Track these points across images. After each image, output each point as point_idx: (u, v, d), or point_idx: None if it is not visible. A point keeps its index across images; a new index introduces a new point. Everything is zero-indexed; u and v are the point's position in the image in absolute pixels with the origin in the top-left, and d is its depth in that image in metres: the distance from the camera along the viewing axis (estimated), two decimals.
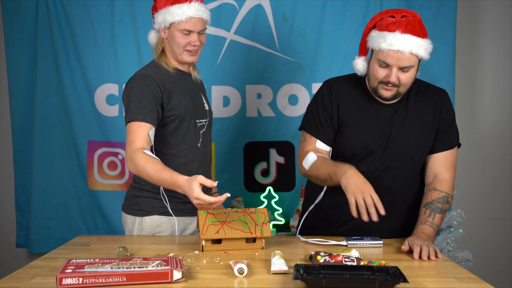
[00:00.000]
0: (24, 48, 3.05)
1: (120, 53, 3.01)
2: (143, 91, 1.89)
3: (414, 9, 3.03)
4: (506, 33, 3.23)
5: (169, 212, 2.00)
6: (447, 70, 3.07)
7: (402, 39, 1.75)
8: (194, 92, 2.06)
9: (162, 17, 1.95)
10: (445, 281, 1.43)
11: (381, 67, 1.82)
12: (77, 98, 3.02)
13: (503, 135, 3.29)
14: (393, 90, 1.84)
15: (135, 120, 1.85)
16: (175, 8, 1.92)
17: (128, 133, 1.86)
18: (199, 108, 2.05)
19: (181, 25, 1.92)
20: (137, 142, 1.82)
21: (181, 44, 1.95)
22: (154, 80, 1.91)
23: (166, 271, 1.38)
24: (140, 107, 1.86)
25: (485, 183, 3.31)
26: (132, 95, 1.89)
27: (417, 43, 1.76)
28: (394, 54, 1.76)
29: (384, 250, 1.78)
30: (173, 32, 1.95)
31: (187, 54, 1.98)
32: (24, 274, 1.47)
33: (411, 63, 1.79)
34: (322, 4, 3.01)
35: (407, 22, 1.76)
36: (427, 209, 1.87)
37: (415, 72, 1.85)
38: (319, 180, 1.91)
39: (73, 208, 3.08)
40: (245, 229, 1.73)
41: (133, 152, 1.80)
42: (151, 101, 1.88)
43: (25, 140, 3.10)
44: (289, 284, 1.38)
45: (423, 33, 1.78)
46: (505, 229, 3.32)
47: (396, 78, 1.80)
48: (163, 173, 1.73)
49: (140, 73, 1.96)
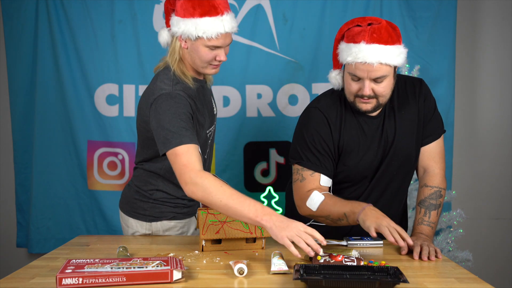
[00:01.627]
0: (24, 48, 3.05)
1: (120, 53, 3.00)
2: (179, 113, 1.70)
3: (414, 9, 3.05)
4: (506, 33, 3.23)
5: (177, 216, 1.99)
6: (447, 70, 3.07)
7: (368, 50, 1.66)
8: (209, 99, 1.95)
9: (186, 27, 1.73)
10: (445, 281, 1.43)
11: (353, 80, 1.73)
12: (77, 98, 3.01)
13: (503, 135, 3.29)
14: (372, 103, 1.76)
15: (183, 143, 1.65)
16: (205, 22, 1.70)
17: (176, 157, 1.65)
18: (209, 116, 1.94)
19: (211, 41, 1.73)
20: (194, 164, 1.63)
21: (206, 60, 1.78)
22: (186, 99, 1.75)
23: (166, 271, 1.38)
24: (181, 129, 1.67)
25: (485, 183, 3.30)
26: (169, 119, 1.69)
27: (385, 51, 1.66)
28: (363, 66, 1.67)
29: (384, 250, 1.78)
30: (198, 46, 1.75)
31: (211, 68, 1.81)
32: (24, 274, 1.47)
33: (383, 73, 1.69)
34: (322, 4, 3.01)
35: (373, 31, 1.67)
36: (422, 207, 1.84)
37: (392, 80, 1.75)
38: (330, 220, 1.80)
39: (73, 208, 3.08)
40: (245, 229, 1.73)
41: (196, 174, 1.61)
42: (188, 121, 1.71)
43: (25, 140, 3.10)
44: (289, 284, 1.38)
45: (392, 40, 1.69)
46: (505, 229, 3.32)
47: (369, 90, 1.71)
48: (243, 199, 1.57)
49: (166, 93, 1.74)
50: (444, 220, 2.90)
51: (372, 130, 1.85)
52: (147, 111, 1.78)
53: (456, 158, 3.18)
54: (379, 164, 1.86)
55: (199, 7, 1.71)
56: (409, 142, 1.88)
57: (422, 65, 3.00)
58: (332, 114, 1.84)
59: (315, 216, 1.83)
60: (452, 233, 2.95)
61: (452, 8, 3.04)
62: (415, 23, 3.06)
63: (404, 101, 1.88)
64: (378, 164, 1.86)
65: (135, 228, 2.00)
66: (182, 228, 2.03)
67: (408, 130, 1.87)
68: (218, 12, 1.71)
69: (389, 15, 3.05)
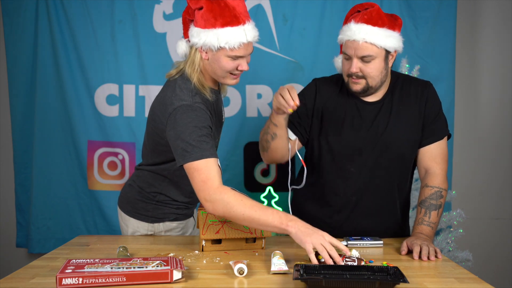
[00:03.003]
0: (24, 48, 3.05)
1: (120, 53, 3.00)
2: (199, 126, 1.68)
3: (414, 9, 3.05)
4: (506, 33, 3.23)
5: (179, 217, 2.00)
6: (447, 70, 3.07)
7: (356, 28, 1.78)
8: (220, 110, 1.94)
9: (207, 38, 1.70)
10: (445, 281, 1.44)
11: (345, 59, 1.85)
12: (77, 98, 3.01)
13: (503, 135, 3.29)
14: (361, 83, 1.84)
15: (203, 157, 1.64)
16: (227, 33, 1.68)
17: (196, 172, 1.64)
18: (219, 126, 1.94)
19: (233, 51, 1.71)
20: (214, 180, 1.63)
21: (227, 69, 1.75)
22: (205, 112, 1.73)
23: (166, 271, 1.38)
24: (202, 143, 1.66)
25: (485, 183, 3.30)
26: (189, 131, 1.66)
27: (372, 31, 1.76)
28: (351, 44, 1.79)
29: (384, 250, 1.78)
30: (220, 57, 1.73)
31: (231, 78, 1.79)
32: (24, 274, 1.47)
33: (369, 52, 1.78)
34: (322, 4, 3.01)
35: (364, 13, 1.79)
36: (422, 207, 1.86)
37: (382, 64, 1.82)
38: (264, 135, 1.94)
39: (73, 208, 3.08)
40: (245, 229, 1.73)
41: (215, 191, 1.61)
42: (208, 135, 1.70)
43: (25, 140, 3.10)
44: (289, 284, 1.38)
45: (381, 22, 1.78)
46: (505, 229, 3.32)
47: (356, 68, 1.80)
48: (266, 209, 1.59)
49: (187, 104, 1.71)
50: (444, 220, 2.90)
51: (364, 114, 1.91)
52: (163, 119, 1.74)
53: (456, 158, 3.18)
54: (363, 147, 1.90)
55: (220, 18, 1.69)
56: (402, 137, 1.90)
57: (422, 65, 3.00)
58: (325, 87, 1.96)
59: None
60: (452, 233, 2.95)
61: (452, 8, 3.04)
62: (415, 23, 3.06)
63: (406, 99, 1.92)
64: (361, 147, 1.90)
65: (135, 228, 2.00)
66: (183, 229, 2.04)
67: (404, 127, 1.90)
68: (240, 22, 1.70)
69: None
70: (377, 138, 1.90)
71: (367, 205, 1.93)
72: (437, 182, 1.89)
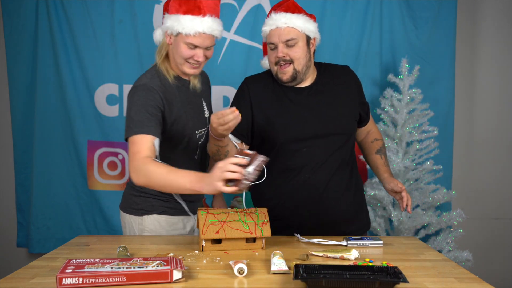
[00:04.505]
0: (24, 48, 3.05)
1: (120, 53, 3.01)
2: (147, 104, 1.79)
3: (414, 9, 3.06)
4: (506, 33, 3.24)
5: (168, 211, 2.01)
6: (447, 70, 3.08)
7: (276, 17, 1.94)
8: (194, 101, 2.01)
9: (171, 23, 1.83)
10: (445, 281, 1.44)
11: (271, 49, 1.97)
12: (77, 98, 3.02)
13: (503, 135, 3.29)
14: (289, 71, 1.96)
15: (140, 133, 1.75)
16: (186, 19, 1.80)
17: (131, 145, 1.76)
18: (199, 118, 2.01)
19: (189, 38, 1.81)
20: (143, 152, 1.73)
21: (184, 56, 1.85)
22: (158, 93, 1.83)
23: (166, 271, 1.38)
24: (144, 120, 1.77)
25: (485, 183, 3.31)
26: (135, 108, 1.80)
27: (291, 17, 1.93)
28: (274, 31, 1.94)
29: (384, 250, 1.78)
30: (179, 42, 1.83)
31: (188, 66, 1.88)
32: (24, 274, 1.47)
33: (292, 35, 1.93)
34: (322, 4, 3.01)
35: (280, 4, 1.97)
36: (381, 154, 2.18)
37: (305, 48, 1.97)
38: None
39: (73, 208, 3.08)
40: (245, 229, 1.73)
41: (140, 162, 1.70)
42: (155, 114, 1.80)
43: (25, 140, 3.10)
44: (289, 284, 1.38)
45: (298, 11, 1.96)
46: (505, 229, 3.32)
47: (282, 52, 1.93)
48: (179, 173, 1.66)
49: (142, 84, 1.84)
50: (444, 220, 2.90)
51: (299, 99, 2.01)
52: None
53: (456, 158, 3.18)
54: (307, 131, 1.98)
55: (184, 5, 1.82)
56: (340, 116, 2.02)
57: (422, 65, 3.00)
58: (256, 83, 2.06)
59: None
60: (452, 233, 2.95)
61: (452, 8, 3.04)
62: (415, 23, 3.06)
63: (334, 81, 2.07)
64: (306, 131, 1.98)
65: (129, 225, 2.03)
66: (175, 225, 2.03)
67: (339, 105, 2.03)
68: (201, 13, 1.81)
69: (389, 15, 3.05)
70: (322, 118, 1.99)
71: (323, 183, 1.99)
72: (380, 135, 2.24)
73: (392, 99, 2.94)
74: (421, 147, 2.94)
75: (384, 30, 3.06)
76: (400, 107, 2.93)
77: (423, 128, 2.94)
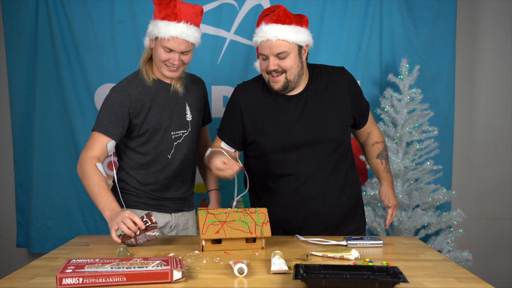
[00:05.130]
0: (24, 48, 3.05)
1: (120, 53, 3.01)
2: (114, 105, 1.97)
3: (414, 9, 3.05)
4: (506, 33, 3.24)
5: (139, 206, 2.08)
6: (447, 70, 3.07)
7: (267, 28, 1.90)
8: (174, 103, 2.08)
9: (151, 28, 1.99)
10: (445, 281, 1.44)
11: (263, 59, 1.95)
12: (77, 98, 3.02)
13: (503, 135, 3.29)
14: (281, 80, 1.94)
15: (98, 130, 1.96)
16: (162, 24, 1.94)
17: (90, 139, 1.98)
18: (177, 120, 2.08)
19: (164, 42, 1.94)
20: (93, 151, 1.94)
21: (161, 59, 1.98)
22: (129, 96, 1.99)
23: (166, 271, 1.38)
24: (106, 119, 1.95)
25: (485, 183, 3.31)
26: (104, 106, 1.99)
27: (282, 29, 1.89)
28: (265, 43, 1.91)
29: (384, 250, 1.78)
30: (157, 46, 1.98)
31: (166, 69, 2.00)
32: (24, 274, 1.47)
33: (283, 48, 1.89)
34: (322, 4, 3.01)
35: (272, 15, 1.91)
36: (382, 158, 2.16)
37: (297, 58, 1.94)
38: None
39: (73, 208, 3.08)
40: (245, 229, 1.73)
41: (86, 158, 1.92)
42: (118, 116, 1.97)
43: (25, 140, 3.10)
44: (289, 284, 1.38)
45: (289, 20, 1.91)
46: (505, 229, 3.32)
47: (274, 65, 1.91)
48: (103, 192, 1.86)
49: (118, 86, 2.03)
50: (444, 220, 2.90)
51: (290, 107, 2.00)
52: None
53: (456, 158, 3.18)
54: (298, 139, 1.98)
55: (164, 11, 1.96)
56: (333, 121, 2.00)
57: (422, 65, 3.00)
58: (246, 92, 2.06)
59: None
60: (452, 233, 2.95)
61: (452, 8, 3.04)
62: (415, 23, 3.06)
63: (328, 85, 2.04)
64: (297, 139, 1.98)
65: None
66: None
67: (332, 111, 2.01)
68: (176, 19, 1.94)
69: (389, 15, 3.05)
70: (310, 126, 1.98)
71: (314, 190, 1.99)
72: (382, 138, 2.21)
73: (392, 99, 2.94)
74: (421, 147, 2.94)
75: (384, 30, 3.06)
76: (400, 107, 2.93)
77: (423, 128, 2.94)
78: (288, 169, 1.99)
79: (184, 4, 1.96)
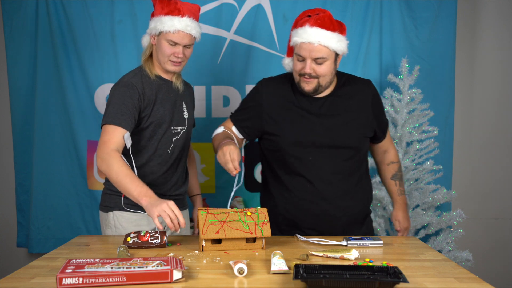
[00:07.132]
0: (24, 48, 3.05)
1: (120, 53, 3.01)
2: (124, 98, 1.98)
3: (414, 9, 3.05)
4: (506, 33, 3.23)
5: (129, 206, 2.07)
6: (447, 70, 3.07)
7: (311, 31, 1.90)
8: (174, 100, 2.12)
9: (154, 24, 2.03)
10: (445, 281, 1.44)
11: (298, 60, 1.96)
12: (77, 98, 3.02)
13: (503, 135, 3.29)
14: (313, 83, 1.96)
15: (112, 123, 1.94)
16: (167, 19, 2.00)
17: (103, 134, 1.94)
18: (177, 116, 2.12)
19: (169, 35, 2.00)
20: (112, 143, 1.90)
21: (166, 53, 2.02)
22: (137, 90, 2.00)
23: (166, 271, 1.38)
24: (118, 112, 1.95)
25: (485, 183, 3.31)
26: (114, 101, 1.98)
27: (326, 35, 1.90)
28: (306, 46, 1.91)
29: (384, 250, 1.78)
30: (161, 41, 2.02)
31: (170, 64, 2.05)
32: (24, 274, 1.47)
33: (323, 54, 1.91)
34: (322, 4, 3.01)
35: (317, 18, 1.91)
36: (396, 179, 2.19)
37: (332, 65, 1.96)
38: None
39: (73, 208, 3.08)
40: (245, 229, 1.73)
41: (108, 152, 1.88)
42: (130, 108, 1.97)
43: (25, 140, 3.10)
44: (289, 284, 1.38)
45: (333, 27, 1.92)
46: (505, 229, 3.32)
47: (310, 69, 1.92)
48: (136, 181, 1.82)
49: (124, 80, 2.04)
50: (444, 220, 2.90)
51: (314, 108, 2.02)
52: None
53: (456, 158, 3.18)
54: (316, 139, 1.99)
55: (166, 8, 2.02)
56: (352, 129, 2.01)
57: (422, 65, 3.00)
58: (271, 87, 2.08)
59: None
60: (452, 233, 2.95)
61: (452, 8, 3.04)
62: (415, 23, 3.06)
63: (352, 94, 2.06)
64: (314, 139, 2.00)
65: (101, 222, 2.14)
66: (137, 221, 2.07)
67: (352, 119, 2.03)
68: (180, 13, 2.00)
69: (389, 15, 3.05)
70: (329, 130, 1.99)
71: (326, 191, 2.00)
72: (397, 158, 2.23)
73: (392, 99, 2.94)
74: (421, 147, 2.94)
75: (384, 30, 3.06)
76: (400, 107, 2.93)
77: (423, 128, 2.94)
78: (303, 168, 2.00)
79: (183, 2, 2.04)
